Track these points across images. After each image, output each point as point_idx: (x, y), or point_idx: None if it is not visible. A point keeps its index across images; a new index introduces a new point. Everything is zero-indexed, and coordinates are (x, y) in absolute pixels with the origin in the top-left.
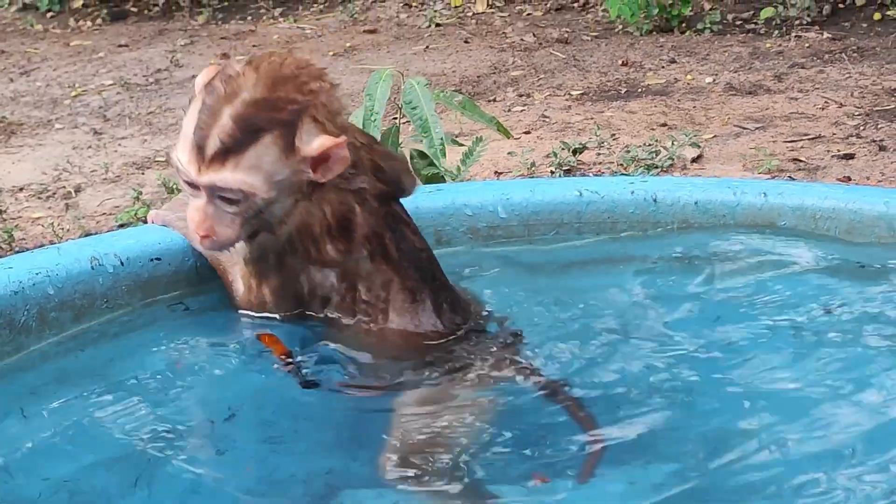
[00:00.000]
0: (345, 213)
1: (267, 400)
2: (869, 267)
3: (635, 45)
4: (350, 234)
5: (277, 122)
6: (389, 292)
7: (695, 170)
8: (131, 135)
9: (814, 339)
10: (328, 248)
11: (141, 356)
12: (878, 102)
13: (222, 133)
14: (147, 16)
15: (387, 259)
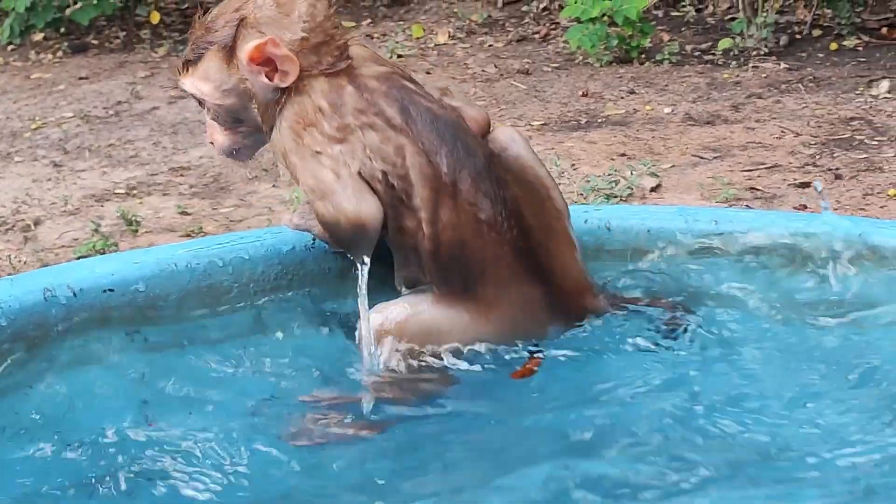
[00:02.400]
0: (336, 93)
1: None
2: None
3: (595, 76)
4: (342, 109)
5: (217, 37)
6: (405, 157)
7: (653, 199)
8: (91, 167)
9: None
10: (326, 126)
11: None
12: (834, 131)
13: (188, 50)
14: (108, 48)
15: (391, 125)
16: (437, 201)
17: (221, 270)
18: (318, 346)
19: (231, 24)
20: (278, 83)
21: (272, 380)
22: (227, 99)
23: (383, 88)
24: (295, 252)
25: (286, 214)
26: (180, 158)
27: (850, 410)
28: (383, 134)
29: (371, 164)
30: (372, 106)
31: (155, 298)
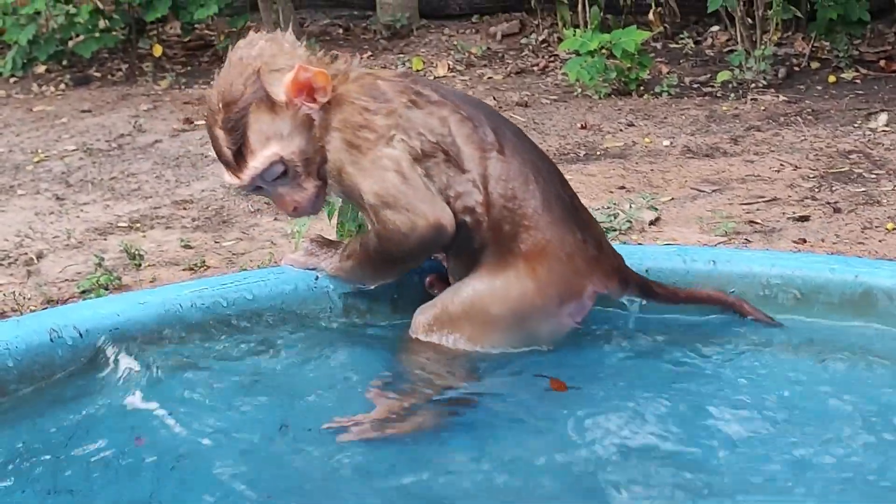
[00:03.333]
0: (370, 87)
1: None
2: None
3: (594, 109)
4: (384, 96)
5: (247, 100)
6: (450, 126)
7: (653, 232)
8: (94, 200)
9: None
10: (377, 120)
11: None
12: (833, 165)
13: (225, 144)
14: (110, 81)
15: (432, 102)
16: (485, 159)
17: (226, 310)
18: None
19: (251, 81)
20: (321, 100)
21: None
22: (294, 142)
23: (408, 79)
24: (297, 291)
25: (289, 254)
26: (183, 191)
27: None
28: (426, 109)
29: (426, 139)
30: (408, 88)
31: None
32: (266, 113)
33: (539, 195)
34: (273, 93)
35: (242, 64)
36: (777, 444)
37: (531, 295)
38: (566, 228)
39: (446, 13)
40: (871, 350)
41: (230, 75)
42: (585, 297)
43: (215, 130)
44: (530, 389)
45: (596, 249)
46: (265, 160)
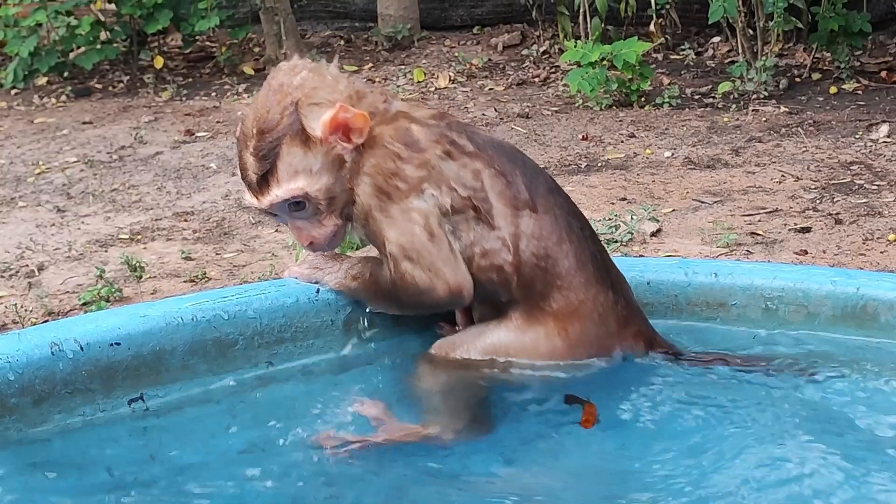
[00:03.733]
0: (404, 134)
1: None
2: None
3: (595, 120)
4: (418, 145)
5: (282, 130)
6: (483, 180)
7: (654, 244)
8: (95, 212)
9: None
10: (408, 170)
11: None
12: (834, 176)
13: (253, 167)
14: (111, 92)
15: (467, 153)
16: (517, 216)
17: (227, 323)
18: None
19: (289, 112)
20: (356, 141)
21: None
22: (321, 179)
23: (443, 123)
24: (299, 304)
25: (293, 266)
26: (184, 203)
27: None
28: (460, 161)
29: (456, 195)
30: (443, 137)
31: (161, 352)
32: (299, 146)
33: (572, 254)
34: (309, 127)
35: (282, 92)
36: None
37: (560, 354)
38: (599, 288)
39: (447, 24)
40: (874, 362)
41: (268, 101)
42: (614, 357)
43: (245, 154)
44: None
45: (626, 309)
46: (289, 192)
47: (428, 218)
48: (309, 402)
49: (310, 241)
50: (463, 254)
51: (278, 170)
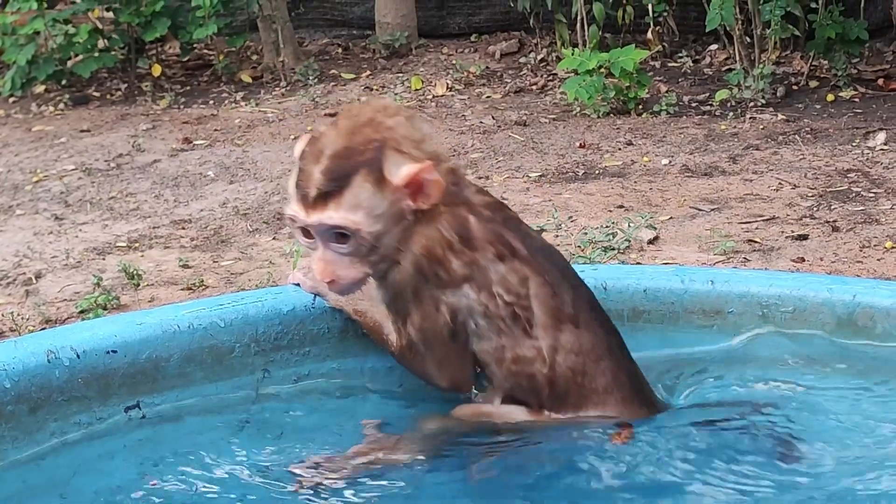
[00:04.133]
0: (461, 225)
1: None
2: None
3: (592, 128)
4: (471, 242)
5: (362, 162)
6: (529, 288)
7: (651, 251)
8: (92, 220)
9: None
10: (454, 264)
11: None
12: (832, 183)
13: (318, 183)
14: (109, 101)
15: (518, 257)
16: (559, 329)
17: (223, 331)
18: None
19: (373, 147)
20: (421, 206)
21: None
22: (377, 225)
23: (499, 218)
24: (295, 312)
25: (297, 272)
26: (181, 211)
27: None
28: (510, 265)
29: (500, 300)
30: (498, 238)
31: (157, 360)
32: (371, 184)
33: (609, 373)
34: (388, 171)
35: (372, 126)
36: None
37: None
38: (635, 406)
39: (445, 32)
40: (872, 369)
41: (355, 129)
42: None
43: (311, 167)
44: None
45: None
46: (345, 220)
47: (456, 315)
48: (307, 413)
49: (331, 279)
50: (490, 355)
51: (343, 196)
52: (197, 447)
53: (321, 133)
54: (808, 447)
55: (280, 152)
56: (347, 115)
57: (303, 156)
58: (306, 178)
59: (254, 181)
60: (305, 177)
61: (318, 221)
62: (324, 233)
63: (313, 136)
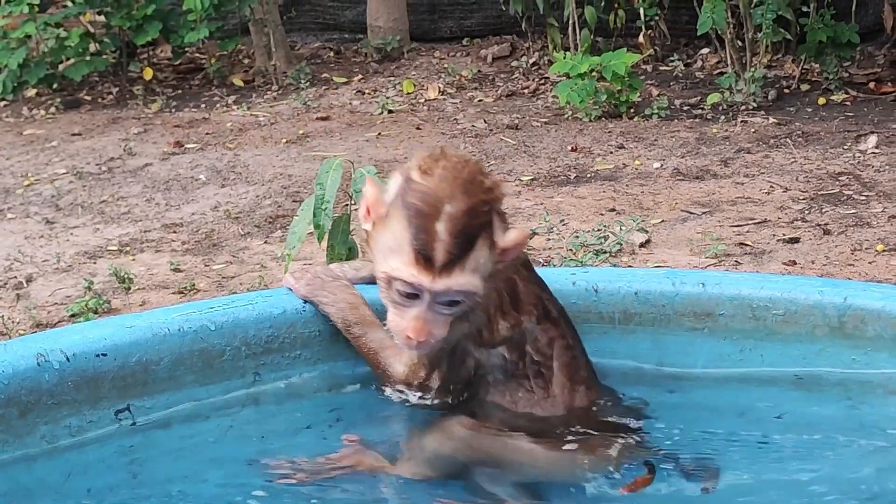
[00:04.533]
0: (512, 288)
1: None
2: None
3: (584, 131)
4: (518, 306)
5: (482, 224)
6: (554, 349)
7: (643, 255)
8: (83, 224)
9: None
10: (500, 325)
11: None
12: (823, 186)
13: (447, 245)
14: (101, 104)
15: (550, 318)
16: (574, 390)
17: (213, 334)
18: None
19: (486, 210)
20: (503, 269)
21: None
22: (485, 288)
23: (534, 278)
24: (286, 315)
25: (289, 276)
26: (173, 215)
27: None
28: (543, 326)
29: (528, 358)
30: (539, 300)
31: (147, 363)
32: (486, 247)
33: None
34: (496, 234)
35: (477, 185)
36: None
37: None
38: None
39: (437, 36)
40: (861, 374)
41: (466, 186)
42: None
43: (435, 225)
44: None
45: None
46: (469, 287)
47: (479, 369)
48: (298, 416)
49: (424, 339)
50: (500, 406)
51: (467, 260)
52: (186, 450)
53: (425, 185)
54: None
55: (272, 156)
56: (443, 164)
57: (411, 207)
58: (431, 238)
59: (245, 185)
60: (429, 237)
61: (446, 288)
62: (441, 298)
63: (413, 186)
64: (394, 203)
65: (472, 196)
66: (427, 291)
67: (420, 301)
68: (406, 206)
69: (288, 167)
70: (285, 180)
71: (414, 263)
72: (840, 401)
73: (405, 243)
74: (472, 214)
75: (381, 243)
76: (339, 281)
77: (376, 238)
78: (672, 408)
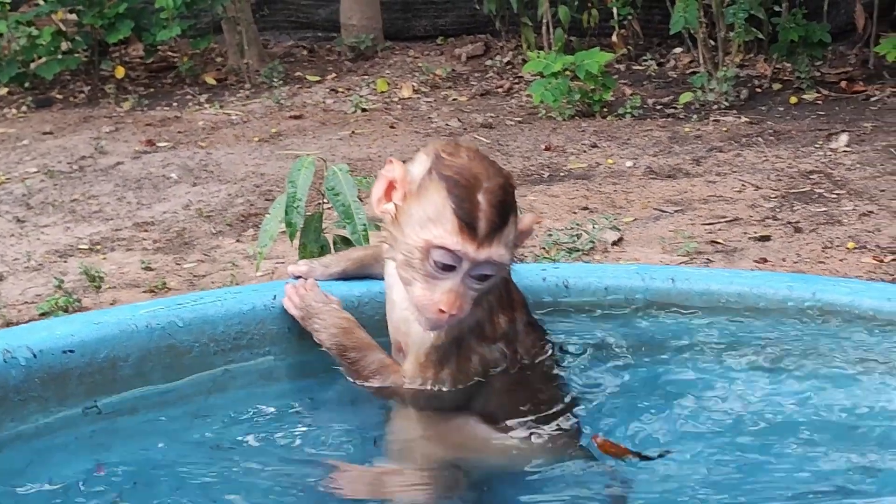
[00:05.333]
0: (507, 283)
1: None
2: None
3: (558, 130)
4: (513, 303)
5: (513, 202)
6: (539, 352)
7: (615, 253)
8: (54, 223)
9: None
10: (500, 319)
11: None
12: (794, 185)
13: (489, 214)
14: (72, 103)
15: (531, 323)
16: (552, 388)
17: (181, 331)
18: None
19: (514, 192)
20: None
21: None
22: (508, 268)
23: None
24: (255, 312)
25: (301, 264)
26: (144, 213)
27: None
28: (527, 328)
29: (518, 358)
30: (523, 300)
31: (115, 360)
32: (514, 224)
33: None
34: (518, 216)
35: (501, 169)
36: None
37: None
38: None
39: (411, 35)
40: (832, 365)
41: (497, 167)
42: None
43: (478, 196)
44: None
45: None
46: (505, 259)
47: (488, 366)
48: (266, 413)
49: (457, 312)
50: (506, 404)
51: (504, 233)
52: (152, 442)
53: (459, 162)
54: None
55: (244, 154)
56: (465, 149)
57: (449, 179)
58: (474, 207)
59: (217, 183)
60: (473, 206)
61: (487, 257)
62: (478, 269)
63: (445, 161)
64: (427, 177)
65: (503, 175)
66: (469, 261)
67: (455, 273)
68: (444, 178)
69: (260, 166)
70: (258, 179)
71: (458, 232)
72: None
73: (448, 212)
74: (507, 190)
75: (417, 215)
76: (329, 305)
77: (408, 211)
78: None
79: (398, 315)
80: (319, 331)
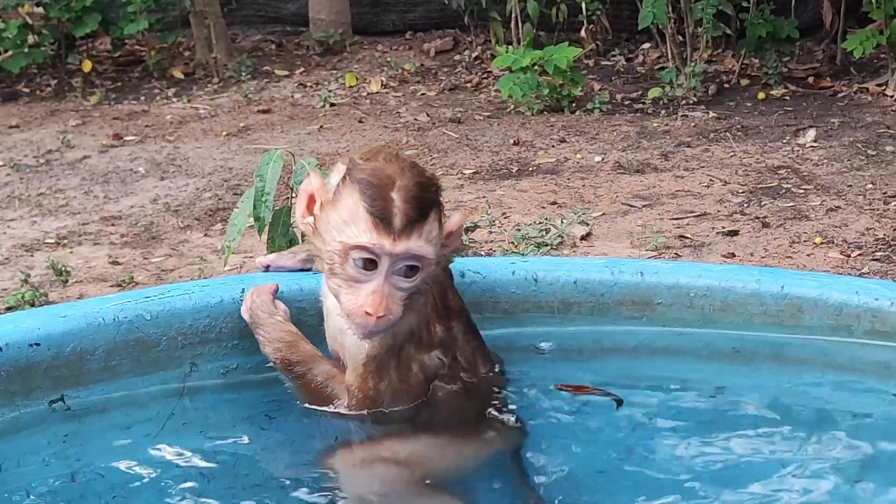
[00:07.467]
0: (444, 291)
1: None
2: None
3: (526, 125)
4: (449, 311)
5: (433, 199)
6: (477, 359)
7: (584, 247)
8: (21, 216)
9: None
10: (436, 327)
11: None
12: (762, 180)
13: (403, 209)
14: (39, 96)
15: (472, 331)
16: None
17: (149, 324)
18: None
19: (436, 189)
20: (448, 252)
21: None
22: (434, 265)
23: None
24: (223, 305)
25: (269, 256)
26: (111, 207)
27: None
28: (466, 336)
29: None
30: (462, 308)
31: (82, 353)
32: (438, 223)
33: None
34: (444, 214)
35: (421, 170)
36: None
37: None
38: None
39: (380, 29)
40: (799, 359)
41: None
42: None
43: (392, 194)
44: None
45: None
46: (426, 252)
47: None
48: (235, 407)
49: (384, 313)
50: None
51: (423, 227)
52: (121, 441)
53: (368, 165)
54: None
55: (212, 149)
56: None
57: (363, 182)
58: (387, 203)
59: (185, 177)
60: (386, 203)
61: (405, 250)
62: (399, 264)
63: (359, 166)
64: (341, 183)
65: (420, 174)
66: (386, 255)
67: (377, 272)
68: (357, 181)
69: (228, 160)
70: (226, 173)
71: (373, 228)
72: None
73: (361, 212)
74: (423, 188)
75: (333, 221)
76: (273, 318)
77: (326, 219)
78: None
79: (333, 325)
80: (264, 344)
